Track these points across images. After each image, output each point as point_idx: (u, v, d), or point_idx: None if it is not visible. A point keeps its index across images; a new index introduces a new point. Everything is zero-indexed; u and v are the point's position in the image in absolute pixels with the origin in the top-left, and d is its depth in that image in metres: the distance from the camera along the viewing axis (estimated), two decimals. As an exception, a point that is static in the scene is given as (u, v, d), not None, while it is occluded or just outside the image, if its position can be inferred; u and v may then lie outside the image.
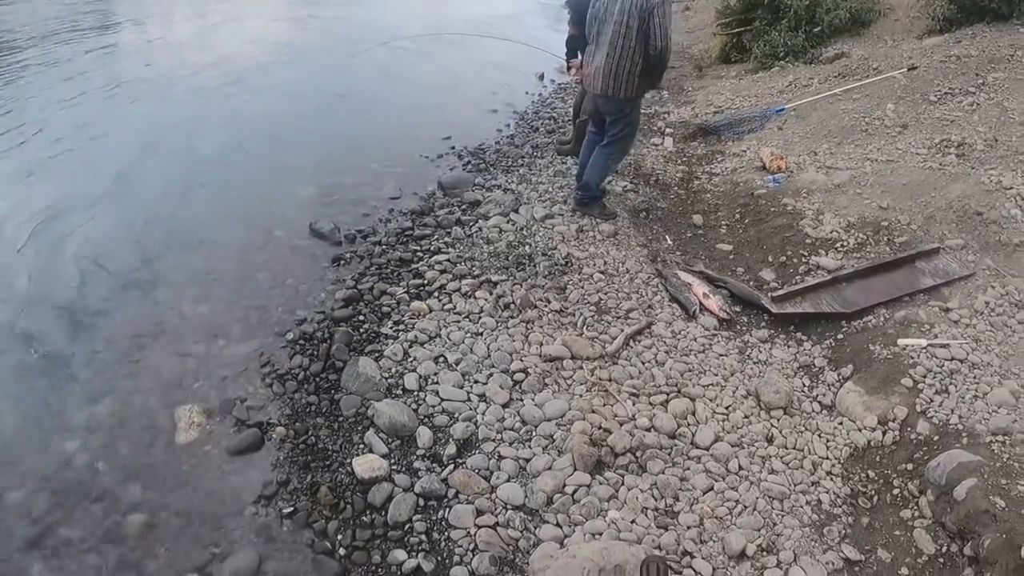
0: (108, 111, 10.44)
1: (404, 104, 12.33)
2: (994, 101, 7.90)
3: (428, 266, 6.04)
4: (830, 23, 12.96)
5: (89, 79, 12.17)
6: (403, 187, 8.14)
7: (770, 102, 10.50)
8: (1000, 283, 5.19)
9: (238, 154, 8.99)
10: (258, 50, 16.25)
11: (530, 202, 7.36)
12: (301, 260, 6.44)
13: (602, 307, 5.47)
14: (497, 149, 9.74)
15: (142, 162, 8.45)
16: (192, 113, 10.54)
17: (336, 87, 13.18)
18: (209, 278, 6.07)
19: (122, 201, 7.43)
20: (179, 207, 7.37)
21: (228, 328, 5.38)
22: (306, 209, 7.39)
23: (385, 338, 5.08)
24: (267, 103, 11.53)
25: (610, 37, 6.11)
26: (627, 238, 6.74)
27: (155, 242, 6.61)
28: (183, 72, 13.34)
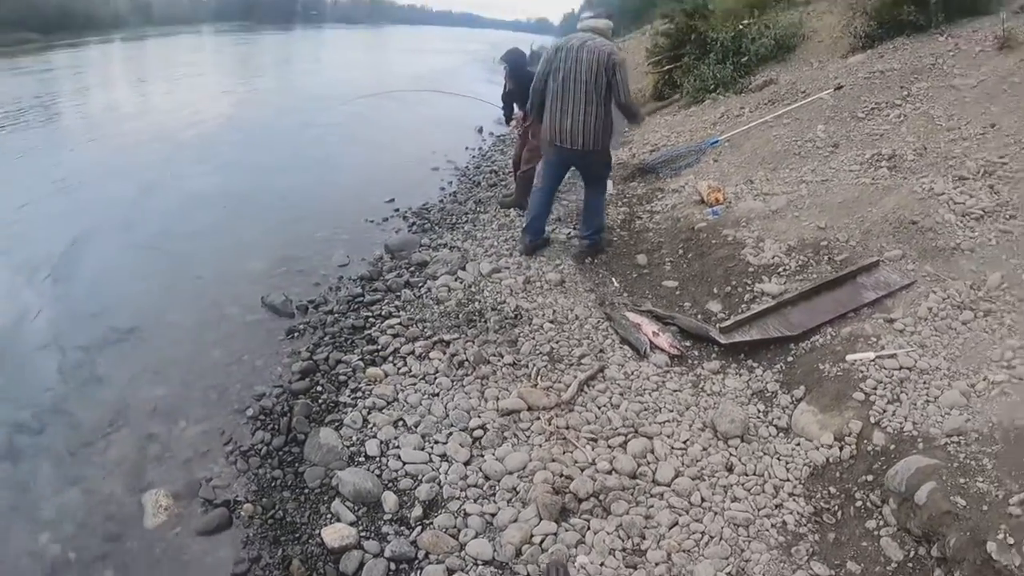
0: (52, 193, 10.54)
1: (346, 169, 12.67)
2: (920, 111, 8.25)
3: (381, 331, 6.12)
4: (756, 52, 13.48)
5: (33, 159, 12.36)
6: (351, 253, 8.29)
7: (704, 135, 10.85)
8: (941, 287, 5.40)
9: (184, 233, 9.06)
10: (199, 125, 16.54)
11: (476, 258, 7.54)
12: (255, 335, 6.49)
13: (554, 356, 5.58)
14: (441, 207, 9.99)
15: (88, 246, 8.50)
16: (138, 193, 10.66)
17: (278, 157, 13.46)
18: (166, 360, 6.08)
19: (71, 287, 7.44)
20: (129, 290, 7.40)
21: (188, 409, 5.40)
22: (257, 283, 7.46)
23: (344, 407, 5.13)
24: (210, 179, 11.68)
25: (584, 95, 6.78)
26: (574, 284, 6.92)
27: (108, 327, 6.62)
28: (126, 151, 13.55)
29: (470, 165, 12.91)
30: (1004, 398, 4.21)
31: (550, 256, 7.58)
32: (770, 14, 14.74)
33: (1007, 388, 4.29)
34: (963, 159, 6.89)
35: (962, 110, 7.86)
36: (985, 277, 5.33)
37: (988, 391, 4.32)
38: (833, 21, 13.27)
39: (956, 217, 6.04)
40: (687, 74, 14.59)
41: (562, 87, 6.88)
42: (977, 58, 8.91)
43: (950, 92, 8.36)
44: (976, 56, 8.97)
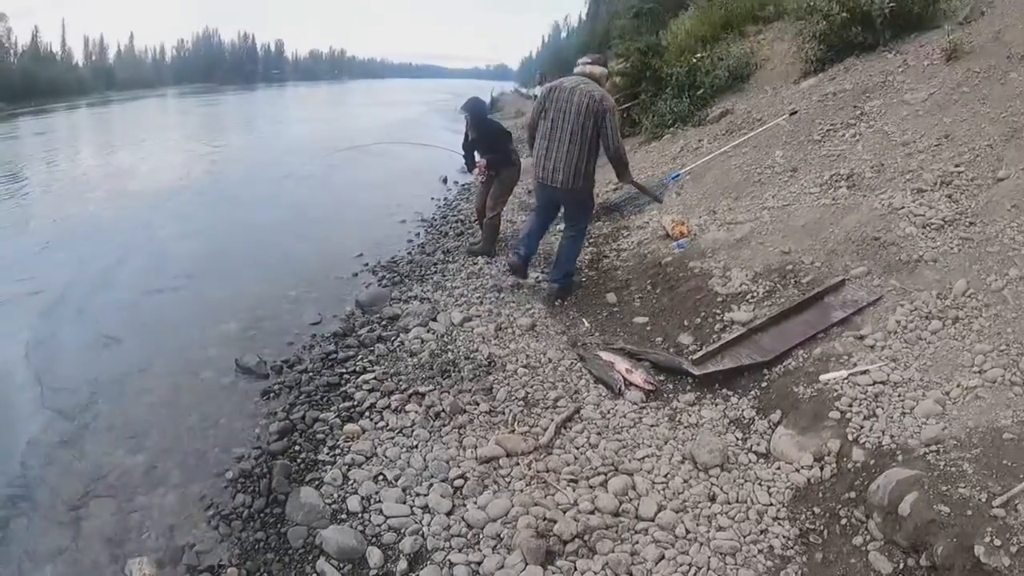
0: (25, 257, 10.80)
1: (314, 226, 12.85)
2: (874, 128, 8.43)
3: (356, 387, 6.13)
4: (711, 84, 13.72)
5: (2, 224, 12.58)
6: (322, 311, 8.34)
7: (666, 170, 10.99)
8: (908, 300, 5.50)
9: (157, 296, 9.16)
10: (166, 187, 16.90)
11: (447, 308, 7.60)
12: (231, 397, 6.49)
13: (530, 400, 5.61)
14: (410, 260, 10.06)
15: (61, 312, 8.58)
16: (108, 257, 10.81)
17: (246, 216, 13.74)
18: (143, 426, 6.06)
19: (45, 355, 7.45)
20: (101, 356, 7.42)
21: (168, 475, 5.37)
22: (230, 345, 7.48)
23: (323, 464, 5.12)
24: (179, 240, 11.87)
25: (569, 136, 7.14)
26: (545, 328, 6.99)
27: (84, 394, 6.61)
28: (94, 215, 13.89)
29: (436, 215, 13.08)
30: (978, 402, 4.29)
31: (520, 301, 7.66)
32: (722, 46, 15.03)
33: (980, 392, 4.37)
34: (920, 172, 7.03)
35: (915, 124, 8.02)
36: (950, 285, 5.44)
37: (962, 397, 4.41)
38: (784, 48, 13.52)
39: (917, 229, 6.17)
40: (645, 111, 14.80)
41: (551, 127, 7.25)
42: (926, 72, 9.11)
43: (902, 107, 8.54)
44: (925, 70, 9.18)
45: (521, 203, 12.06)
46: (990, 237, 5.74)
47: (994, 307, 5.10)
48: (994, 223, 5.86)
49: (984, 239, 5.75)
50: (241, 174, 19.15)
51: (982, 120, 7.37)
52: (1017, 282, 5.19)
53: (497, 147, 9.46)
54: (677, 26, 18.21)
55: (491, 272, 8.73)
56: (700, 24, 16.79)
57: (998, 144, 6.85)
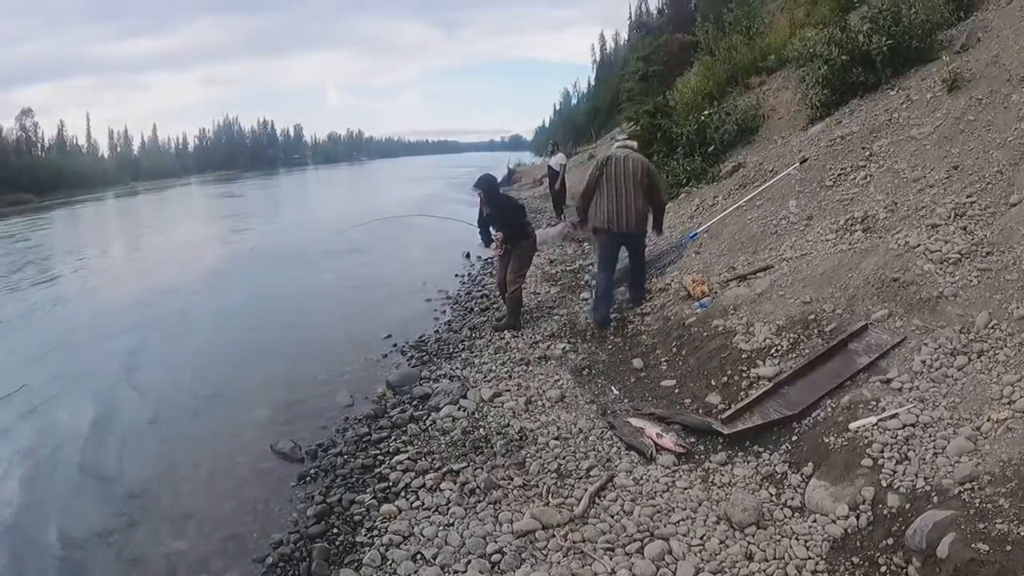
0: (58, 348, 11.27)
1: (341, 309, 13.10)
2: (884, 167, 8.51)
3: (391, 468, 6.19)
4: (721, 139, 13.87)
5: (38, 316, 13.51)
6: (354, 393, 8.44)
7: (683, 229, 11.09)
8: (931, 338, 5.53)
9: (191, 383, 9.34)
10: (194, 276, 17.41)
11: (477, 385, 7.67)
12: (268, 482, 6.56)
13: (563, 472, 5.62)
14: (437, 338, 10.17)
15: (98, 403, 8.81)
16: (142, 344, 11.24)
17: (274, 302, 14.06)
18: (181, 514, 6.14)
19: (84, 444, 7.66)
20: (139, 446, 7.57)
21: (208, 562, 5.42)
22: (264, 430, 7.60)
23: (361, 547, 5.14)
24: (207, 329, 12.17)
25: (633, 192, 8.75)
26: (575, 398, 7.02)
27: (123, 484, 6.75)
28: (126, 306, 14.35)
29: (461, 292, 13.23)
30: (1010, 435, 4.30)
31: (548, 373, 7.71)
32: (728, 100, 15.24)
33: (1012, 424, 4.38)
34: (933, 207, 7.08)
35: (924, 159, 8.10)
36: (972, 319, 5.47)
37: (994, 431, 4.41)
38: (789, 96, 13.70)
39: (935, 266, 6.21)
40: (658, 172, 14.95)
41: (615, 187, 8.76)
42: (929, 104, 9.19)
43: (910, 143, 8.61)
44: (928, 103, 9.26)
45: (544, 274, 12.19)
46: (1008, 265, 5.76)
47: (1018, 335, 5.12)
48: (1011, 250, 5.89)
49: (1002, 267, 5.78)
50: (267, 260, 19.51)
51: (989, 147, 7.43)
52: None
53: (511, 221, 9.63)
54: (683, 84, 18.49)
55: (518, 346, 8.80)
56: (705, 81, 17.06)
57: (1007, 169, 6.91)
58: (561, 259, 13.65)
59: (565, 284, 11.58)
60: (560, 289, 11.06)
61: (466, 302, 12.28)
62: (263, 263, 18.93)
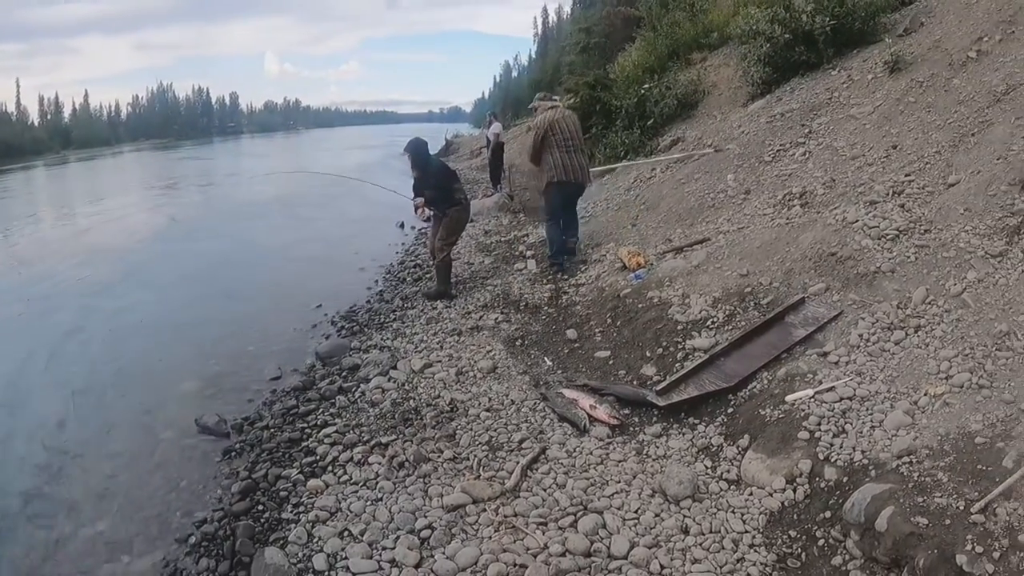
0: None
1: (271, 279, 12.80)
2: (823, 145, 8.54)
3: (318, 441, 6.03)
4: (661, 113, 13.86)
5: None
6: (282, 365, 8.23)
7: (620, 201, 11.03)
8: (869, 313, 5.52)
9: (113, 357, 9.01)
10: (122, 246, 16.97)
11: (407, 355, 7.50)
12: (192, 459, 6.37)
13: (494, 444, 5.52)
14: (368, 308, 9.97)
15: (15, 375, 8.49)
16: (64, 317, 10.74)
17: (201, 272, 13.68)
18: (102, 492, 5.94)
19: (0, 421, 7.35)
20: (58, 421, 7.28)
21: (130, 542, 5.24)
22: (189, 405, 7.36)
23: (287, 523, 5.00)
24: (132, 300, 11.74)
25: (579, 145, 9.62)
26: (507, 369, 6.90)
27: (40, 462, 6.50)
28: (47, 276, 13.85)
29: (394, 262, 13.00)
30: (947, 409, 4.30)
31: (480, 344, 7.58)
32: (669, 75, 15.20)
33: (948, 399, 4.38)
34: (871, 184, 7.11)
35: (863, 137, 8.13)
36: (910, 295, 5.48)
37: (931, 405, 4.41)
38: (730, 73, 13.72)
39: (873, 241, 6.20)
40: (597, 144, 14.91)
41: (566, 143, 9.43)
42: (870, 85, 9.25)
43: (850, 122, 8.66)
44: (869, 84, 9.32)
45: (479, 244, 12.03)
46: (945, 243, 5.77)
47: (955, 312, 5.12)
48: (948, 228, 5.91)
49: (939, 245, 5.79)
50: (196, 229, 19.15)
51: (929, 128, 7.47)
52: (975, 285, 5.23)
53: (440, 186, 9.41)
54: (624, 59, 18.43)
55: (450, 316, 8.65)
56: (647, 55, 17.00)
57: (946, 150, 6.95)
58: (496, 230, 13.51)
59: (499, 255, 11.42)
60: (494, 260, 10.95)
61: (399, 272, 12.07)
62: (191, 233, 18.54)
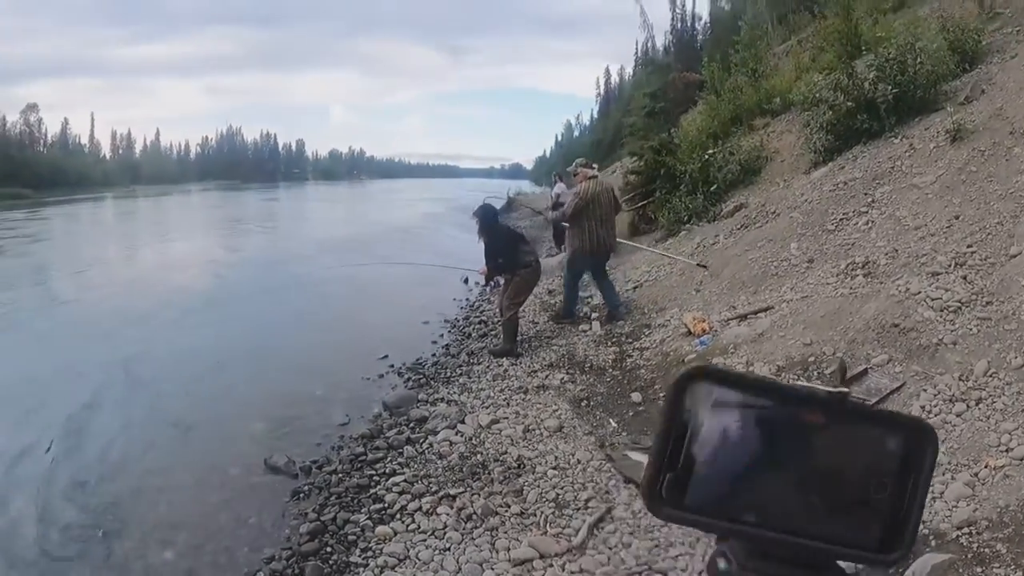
0: (47, 354, 11.05)
1: (339, 327, 12.99)
2: (886, 214, 8.59)
3: (386, 489, 6.15)
4: (724, 179, 13.92)
5: (25, 323, 13.10)
6: (350, 412, 8.37)
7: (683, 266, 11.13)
8: (930, 384, 5.57)
9: (184, 394, 9.25)
10: (192, 284, 17.55)
11: (474, 410, 7.61)
12: (260, 496, 6.51)
13: (561, 502, 5.59)
14: (435, 361, 10.11)
15: (89, 409, 8.69)
16: (136, 352, 11.01)
17: (272, 316, 14.05)
18: (172, 524, 6.08)
19: (72, 450, 7.54)
20: (131, 452, 7.49)
21: (197, 574, 5.39)
22: (258, 444, 7.52)
23: (355, 567, 5.12)
24: (206, 338, 12.10)
25: (610, 217, 10.29)
26: (572, 429, 6.98)
27: (111, 490, 6.68)
28: (120, 311, 14.21)
29: (459, 316, 13.16)
30: (1007, 481, 4.35)
31: (546, 402, 7.67)
32: (732, 140, 15.34)
33: (1009, 471, 4.43)
34: (934, 255, 7.16)
35: (926, 207, 8.18)
36: (971, 367, 5.51)
37: (991, 477, 4.46)
38: (793, 139, 13.80)
39: (935, 313, 6.26)
40: (661, 208, 15.02)
41: (600, 217, 10.03)
42: (932, 154, 9.29)
43: (912, 191, 8.71)
44: (931, 153, 9.36)
45: (543, 304, 12.14)
46: (1007, 315, 5.83)
47: (1016, 384, 5.16)
48: (1010, 300, 5.96)
49: (1002, 317, 5.84)
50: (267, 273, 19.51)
51: (991, 198, 7.52)
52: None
53: (507, 251, 9.54)
54: (688, 123, 18.60)
55: (516, 374, 8.76)
56: (709, 120, 17.17)
57: (1008, 221, 6.99)
58: (560, 290, 13.61)
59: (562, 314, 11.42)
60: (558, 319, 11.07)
61: (464, 327, 12.23)
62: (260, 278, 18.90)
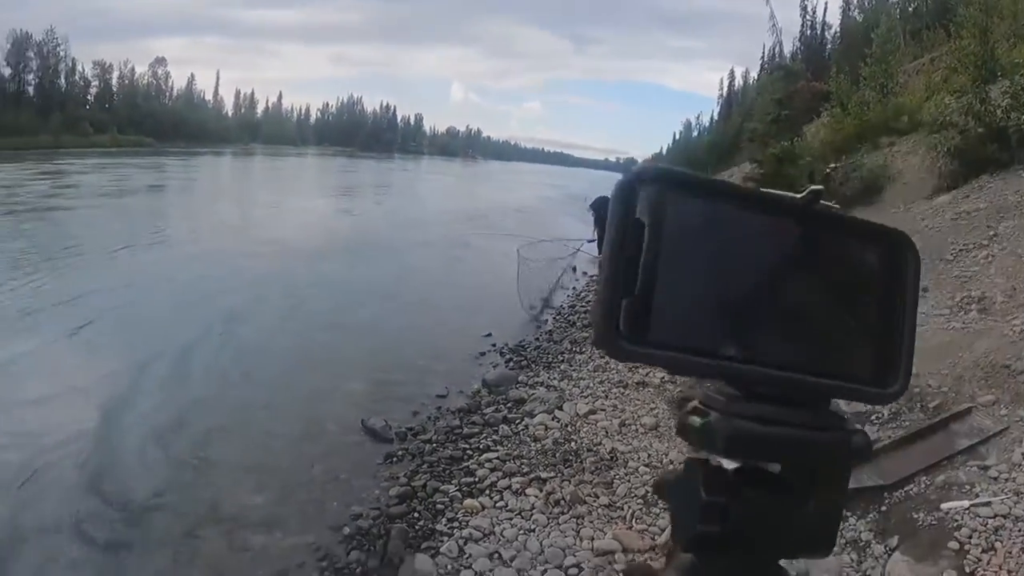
0: (162, 296, 11.65)
1: (446, 301, 13.20)
2: (1007, 251, 8.35)
3: (478, 464, 6.32)
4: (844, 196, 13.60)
5: (146, 265, 13.77)
6: (449, 385, 8.57)
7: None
8: (1036, 433, 5.45)
9: (288, 347, 9.61)
10: (308, 242, 17.96)
11: (573, 398, 7.71)
12: (354, 456, 6.74)
13: (649, 500, 5.62)
14: (537, 345, 10.28)
15: (196, 348, 9.13)
16: (245, 303, 11.51)
17: (381, 282, 14.20)
18: (266, 468, 6.37)
19: (179, 386, 7.96)
20: (233, 395, 7.87)
21: (285, 520, 5.60)
22: (357, 404, 7.77)
23: (440, 535, 5.26)
24: (318, 295, 12.50)
25: None
26: (668, 430, 6.95)
27: (212, 428, 7.03)
28: (236, 260, 14.84)
29: (565, 304, 13.23)
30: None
31: (644, 399, 7.70)
32: (855, 157, 15.00)
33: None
34: (1054, 299, 6.95)
35: (1051, 248, 7.92)
36: (1081, 419, 5.37)
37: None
38: (917, 162, 13.44)
39: (1049, 359, 6.09)
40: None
41: None
42: (1063, 193, 8.99)
43: (1038, 230, 8.44)
44: (1062, 191, 9.05)
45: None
46: (1125, 369, 5.65)
47: (1125, 441, 5.03)
48: None
49: (1118, 370, 5.67)
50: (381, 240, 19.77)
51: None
52: None
53: None
54: (812, 134, 18.24)
55: (617, 368, 8.72)
56: (834, 133, 16.80)
57: None
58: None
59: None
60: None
61: (569, 315, 12.32)
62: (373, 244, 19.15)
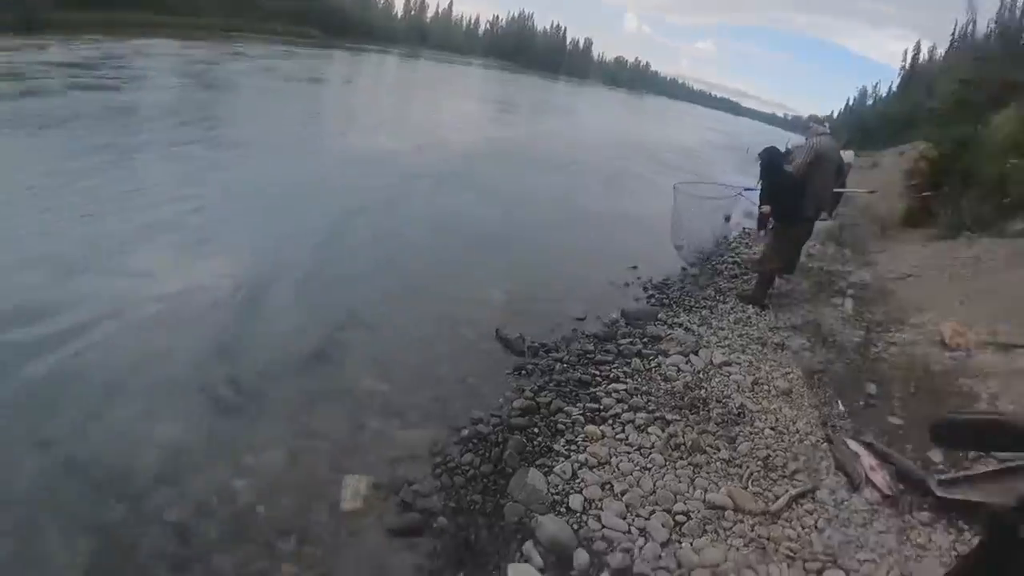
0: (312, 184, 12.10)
1: (597, 226, 13.40)
2: None
3: (605, 392, 6.36)
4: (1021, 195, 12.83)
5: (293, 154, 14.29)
6: (588, 309, 8.64)
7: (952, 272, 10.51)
8: None
9: (433, 243, 9.94)
10: (464, 147, 18.40)
11: (709, 346, 7.67)
12: (484, 362, 6.90)
13: (769, 464, 5.58)
14: (681, 287, 10.27)
15: (341, 236, 9.53)
16: (390, 195, 11.93)
17: (535, 196, 14.56)
18: (395, 360, 6.58)
19: (323, 264, 8.34)
20: (374, 282, 8.14)
21: (405, 411, 5.80)
22: (493, 313, 7.95)
23: (556, 455, 5.34)
24: (467, 199, 12.90)
25: (830, 184, 9.73)
26: (800, 398, 6.89)
27: (349, 309, 7.31)
28: (386, 154, 15.40)
29: (714, 252, 13.08)
30: None
31: (781, 361, 7.60)
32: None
33: None
34: None
35: None
36: None
37: None
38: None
39: None
40: (944, 206, 14.13)
41: (823, 178, 9.31)
42: None
43: None
44: None
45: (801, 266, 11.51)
46: None
47: None
48: None
49: None
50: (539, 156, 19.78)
51: None
52: None
53: (790, 197, 9.17)
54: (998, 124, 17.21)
55: (758, 324, 8.68)
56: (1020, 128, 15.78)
57: None
58: (820, 256, 13.27)
59: (817, 282, 11.15)
60: (811, 285, 10.73)
61: (717, 263, 12.21)
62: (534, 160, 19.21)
